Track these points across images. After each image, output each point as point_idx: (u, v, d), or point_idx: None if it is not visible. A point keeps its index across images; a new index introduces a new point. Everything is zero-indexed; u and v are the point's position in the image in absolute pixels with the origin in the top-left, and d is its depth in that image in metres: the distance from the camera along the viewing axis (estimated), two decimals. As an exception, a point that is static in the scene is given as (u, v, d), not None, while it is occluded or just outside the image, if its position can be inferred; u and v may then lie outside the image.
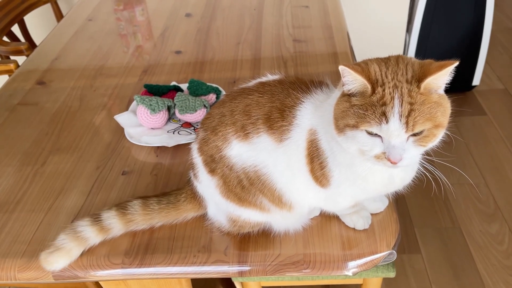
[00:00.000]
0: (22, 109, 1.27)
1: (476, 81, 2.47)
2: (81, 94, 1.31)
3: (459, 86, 2.48)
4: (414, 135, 0.65)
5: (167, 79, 1.35)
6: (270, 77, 0.83)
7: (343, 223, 0.87)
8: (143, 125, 1.13)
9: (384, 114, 0.63)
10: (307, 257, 0.82)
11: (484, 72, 2.55)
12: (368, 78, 0.65)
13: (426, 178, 0.75)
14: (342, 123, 0.67)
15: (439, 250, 1.74)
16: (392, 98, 0.63)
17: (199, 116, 1.12)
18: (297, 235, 0.85)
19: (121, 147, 1.10)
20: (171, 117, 1.17)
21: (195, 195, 0.88)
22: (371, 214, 0.87)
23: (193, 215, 0.90)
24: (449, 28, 2.31)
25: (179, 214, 0.88)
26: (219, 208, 0.86)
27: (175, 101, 1.14)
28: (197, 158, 0.84)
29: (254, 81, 0.83)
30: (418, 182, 0.80)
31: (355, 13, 2.31)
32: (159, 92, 1.21)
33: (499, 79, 2.62)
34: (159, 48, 1.52)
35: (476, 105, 2.44)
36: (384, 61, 0.68)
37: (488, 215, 1.86)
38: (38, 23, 2.28)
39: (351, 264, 0.81)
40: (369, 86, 0.65)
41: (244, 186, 0.79)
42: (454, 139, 2.09)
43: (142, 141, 1.09)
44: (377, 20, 2.37)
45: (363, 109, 0.64)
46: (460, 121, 2.34)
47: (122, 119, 1.16)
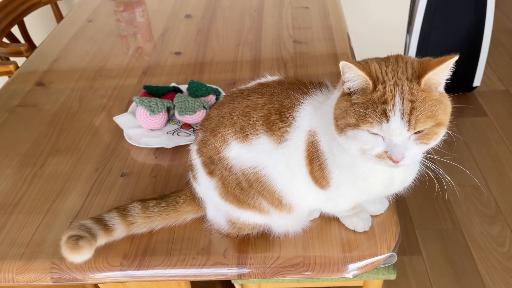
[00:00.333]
0: (22, 111, 1.27)
1: (477, 82, 2.46)
2: (80, 96, 1.31)
3: (460, 87, 2.47)
4: (416, 132, 0.64)
5: (167, 80, 1.35)
6: (270, 78, 0.82)
7: (343, 225, 0.86)
8: (142, 127, 1.13)
9: (385, 112, 0.63)
10: (307, 259, 0.81)
11: (485, 73, 2.55)
12: (369, 74, 0.65)
13: (428, 178, 0.75)
14: (342, 123, 0.67)
15: (440, 252, 1.73)
16: (393, 96, 0.63)
17: (198, 117, 1.12)
18: (296, 237, 0.85)
19: (120, 149, 1.10)
20: (170, 118, 1.17)
21: (194, 197, 0.88)
22: (371, 216, 0.87)
23: (192, 217, 0.89)
24: (449, 29, 2.31)
25: (178, 216, 0.88)
26: (218, 210, 0.85)
27: (174, 102, 1.13)
28: (196, 160, 0.84)
29: (253, 82, 0.82)
30: (419, 183, 0.79)
31: (355, 14, 2.31)
32: (158, 93, 1.21)
33: (500, 80, 2.61)
34: (159, 49, 1.52)
35: (477, 106, 2.44)
36: (384, 60, 0.68)
37: (489, 217, 1.85)
38: (38, 24, 2.27)
39: (351, 267, 0.80)
40: (370, 82, 0.64)
41: (243, 188, 0.79)
42: (455, 140, 2.09)
43: (141, 143, 1.08)
44: (377, 21, 2.37)
45: (364, 107, 0.64)
46: (461, 122, 2.33)
47: (121, 120, 1.15)
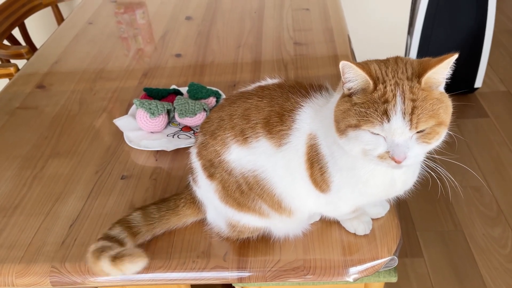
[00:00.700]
0: (22, 113, 1.26)
1: (478, 83, 2.46)
2: (80, 98, 1.31)
3: (461, 88, 2.46)
4: (417, 132, 0.64)
5: (167, 82, 1.35)
6: (270, 81, 0.82)
7: (343, 228, 0.86)
8: (142, 129, 1.13)
9: (386, 112, 0.63)
10: (307, 263, 0.81)
11: (486, 74, 2.54)
12: (369, 74, 0.65)
13: (430, 178, 0.74)
14: (343, 124, 0.67)
15: (442, 254, 1.73)
16: (394, 95, 0.63)
17: (198, 119, 1.11)
18: (297, 241, 0.84)
19: (121, 151, 1.09)
20: (170, 120, 1.17)
21: (194, 200, 0.88)
22: (372, 219, 0.86)
23: (192, 220, 0.89)
24: (450, 30, 2.30)
25: (178, 220, 0.88)
26: (218, 213, 0.85)
27: (174, 104, 1.13)
28: (196, 163, 0.84)
29: (253, 85, 0.82)
30: (420, 185, 0.79)
31: (356, 15, 2.30)
32: (158, 95, 1.20)
33: (502, 81, 2.61)
34: (159, 51, 1.52)
35: (478, 107, 2.43)
36: (383, 61, 0.68)
37: (491, 219, 1.84)
38: (38, 26, 2.27)
39: (352, 270, 0.80)
40: (370, 82, 0.64)
41: (243, 191, 0.79)
42: (456, 141, 2.08)
43: (141, 145, 1.08)
44: (378, 23, 2.37)
45: (364, 107, 0.64)
46: (462, 123, 2.33)
47: (122, 123, 1.15)
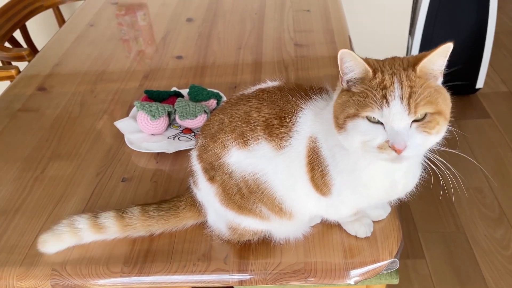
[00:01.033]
0: (23, 115, 1.27)
1: (479, 84, 2.45)
2: (81, 100, 1.31)
3: (462, 89, 2.46)
4: (417, 121, 0.64)
5: (168, 84, 1.35)
6: (270, 83, 0.82)
7: (344, 230, 0.86)
8: (143, 131, 1.13)
9: (385, 97, 0.63)
10: (308, 265, 0.81)
11: (488, 75, 2.53)
12: (368, 63, 0.66)
13: (432, 178, 0.74)
14: (342, 117, 0.67)
15: (444, 255, 1.72)
16: (392, 82, 0.64)
17: (199, 122, 1.11)
18: (298, 243, 0.84)
19: (121, 154, 1.09)
20: (171, 123, 1.17)
21: (194, 203, 0.87)
22: (373, 222, 0.86)
23: (192, 222, 0.89)
24: (452, 30, 2.30)
25: (178, 222, 0.88)
26: (219, 216, 0.85)
27: (175, 106, 1.13)
28: (196, 165, 0.84)
29: (254, 88, 0.82)
30: (421, 187, 0.79)
31: (356, 16, 2.30)
32: (159, 97, 1.20)
33: (503, 82, 2.60)
34: (160, 53, 1.52)
35: (480, 108, 2.42)
36: (381, 59, 0.69)
37: (493, 220, 1.84)
38: (40, 28, 2.28)
39: (353, 273, 0.80)
40: (370, 70, 0.65)
41: (243, 194, 0.78)
42: (458, 142, 2.08)
43: (142, 147, 1.08)
44: (379, 23, 2.36)
45: (363, 96, 0.65)
46: (464, 124, 2.32)
47: (122, 125, 1.15)
